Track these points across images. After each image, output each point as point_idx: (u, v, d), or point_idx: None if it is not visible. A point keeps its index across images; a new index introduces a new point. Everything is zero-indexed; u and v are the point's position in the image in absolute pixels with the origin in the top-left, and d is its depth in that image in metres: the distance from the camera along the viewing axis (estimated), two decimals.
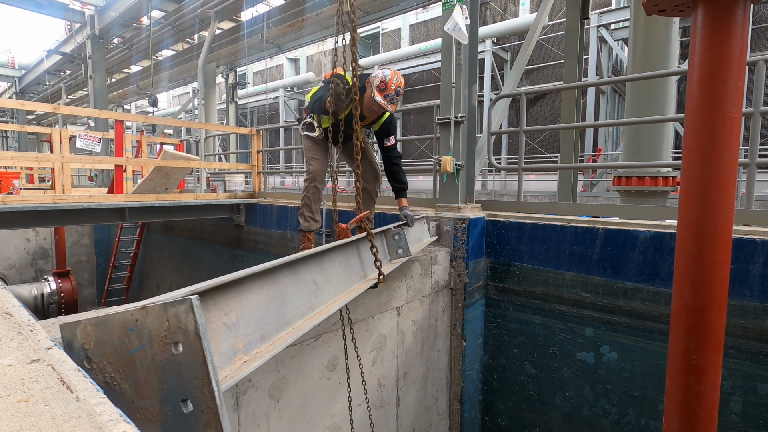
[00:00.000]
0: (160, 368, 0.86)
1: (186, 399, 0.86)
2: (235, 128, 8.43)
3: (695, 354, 1.60)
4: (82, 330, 0.89)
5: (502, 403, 3.64)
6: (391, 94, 2.82)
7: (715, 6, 1.48)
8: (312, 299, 1.63)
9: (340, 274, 1.95)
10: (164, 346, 0.86)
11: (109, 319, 0.87)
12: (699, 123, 1.55)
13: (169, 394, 0.86)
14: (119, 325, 0.87)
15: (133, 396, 0.87)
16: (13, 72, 18.45)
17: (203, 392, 0.84)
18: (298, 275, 1.59)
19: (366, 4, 7.98)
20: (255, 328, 1.26)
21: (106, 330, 0.88)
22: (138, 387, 0.87)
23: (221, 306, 1.16)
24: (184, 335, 0.84)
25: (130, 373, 0.87)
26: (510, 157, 16.17)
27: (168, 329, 0.85)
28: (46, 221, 4.98)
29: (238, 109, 15.56)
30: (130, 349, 0.87)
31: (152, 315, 0.86)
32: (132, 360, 0.87)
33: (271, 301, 1.39)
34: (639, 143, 4.59)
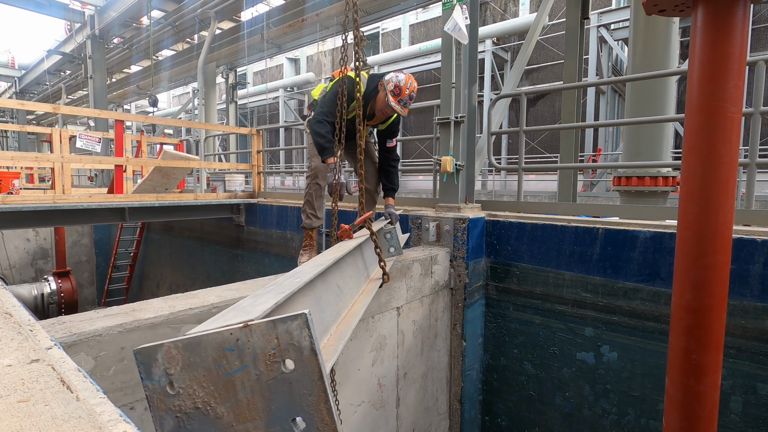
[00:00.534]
0: (267, 388, 0.82)
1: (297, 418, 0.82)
2: (235, 128, 8.44)
3: (695, 354, 1.60)
4: (165, 354, 0.82)
5: (502, 403, 3.64)
6: (405, 99, 2.82)
7: (715, 6, 1.48)
8: (338, 303, 1.63)
9: (352, 276, 1.98)
10: (272, 365, 0.81)
11: (201, 341, 0.81)
12: (699, 123, 1.55)
13: (277, 415, 0.82)
14: (215, 347, 0.81)
15: (232, 420, 0.82)
16: (13, 72, 18.45)
17: (319, 409, 0.80)
18: (327, 281, 1.59)
19: (366, 4, 7.98)
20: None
21: (198, 352, 0.81)
22: (238, 410, 0.82)
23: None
24: (296, 352, 0.80)
25: (228, 396, 0.82)
26: (510, 157, 16.17)
27: (277, 347, 0.81)
28: (46, 221, 4.98)
29: (238, 109, 15.56)
30: (228, 371, 0.82)
31: (257, 333, 0.81)
32: (231, 382, 0.82)
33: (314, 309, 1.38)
34: (639, 143, 4.59)
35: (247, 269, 6.40)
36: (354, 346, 2.73)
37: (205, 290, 2.21)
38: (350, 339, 2.67)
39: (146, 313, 1.81)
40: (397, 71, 2.88)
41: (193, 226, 7.67)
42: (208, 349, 0.81)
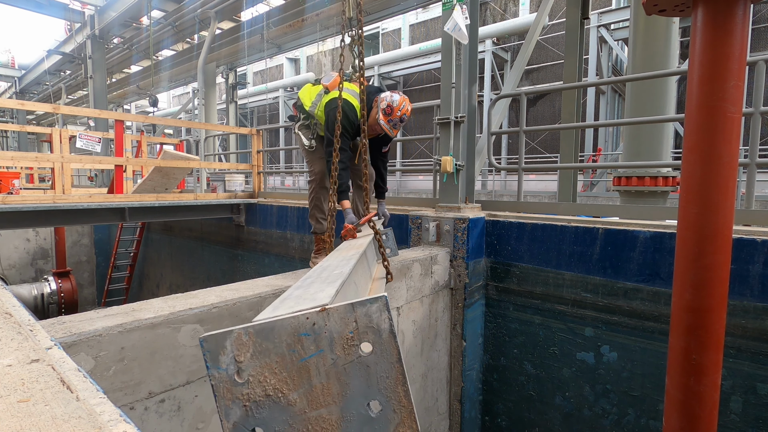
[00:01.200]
0: (343, 372, 0.81)
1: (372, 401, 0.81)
2: (235, 128, 8.44)
3: (695, 354, 1.60)
4: (235, 340, 0.80)
5: (502, 403, 3.64)
6: (395, 120, 2.82)
7: (715, 6, 1.48)
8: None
9: (362, 275, 2.02)
10: (349, 349, 0.81)
11: (275, 326, 0.80)
12: (699, 123, 1.55)
13: (352, 399, 0.81)
14: (290, 332, 0.80)
15: (305, 407, 0.82)
16: (13, 72, 18.45)
17: (396, 391, 0.80)
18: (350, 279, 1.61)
19: (366, 4, 7.98)
20: None
21: (272, 338, 0.80)
22: (312, 396, 0.81)
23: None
24: (375, 335, 0.80)
25: (301, 382, 0.81)
26: (510, 157, 16.17)
27: (355, 330, 0.80)
28: (46, 221, 4.98)
29: (238, 109, 15.56)
30: (303, 357, 0.81)
31: (335, 317, 0.80)
32: (306, 368, 0.81)
33: None
34: (639, 143, 4.59)
35: (247, 269, 6.40)
36: None
37: (205, 290, 2.21)
38: None
39: (146, 313, 1.81)
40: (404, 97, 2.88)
41: (193, 226, 7.67)
42: (282, 335, 0.80)
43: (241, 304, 2.06)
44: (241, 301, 2.07)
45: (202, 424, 1.96)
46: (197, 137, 10.13)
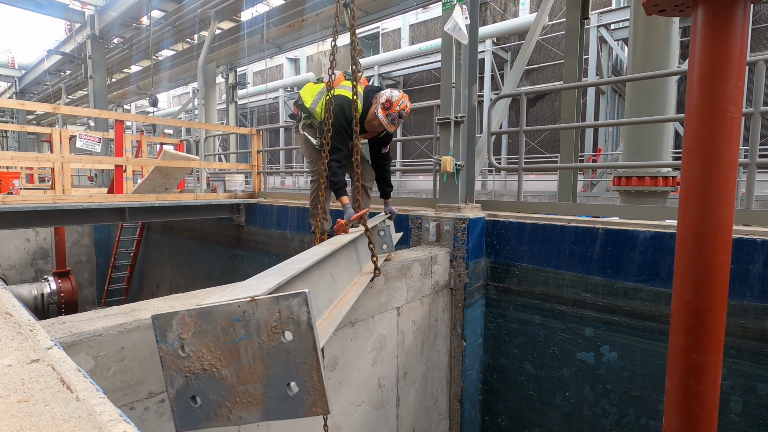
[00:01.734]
0: (267, 355, 0.91)
1: (291, 382, 0.91)
2: (235, 128, 8.44)
3: (695, 354, 1.60)
4: (180, 320, 0.92)
5: (502, 403, 3.64)
6: (393, 114, 2.83)
7: (715, 6, 1.48)
8: (331, 292, 1.72)
9: (346, 268, 2.06)
10: (273, 336, 0.91)
11: (212, 311, 0.91)
12: (699, 123, 1.55)
13: (274, 379, 0.91)
14: (224, 317, 0.91)
15: (234, 382, 0.93)
16: (13, 72, 18.45)
17: (311, 376, 0.89)
18: (323, 270, 1.68)
19: (366, 4, 7.98)
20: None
21: (209, 321, 0.91)
22: (240, 373, 0.91)
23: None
24: (295, 325, 0.90)
25: (232, 360, 0.92)
26: (510, 157, 16.17)
27: (279, 320, 0.90)
28: (46, 221, 4.98)
29: (238, 109, 15.56)
30: (234, 339, 0.91)
31: (262, 307, 0.90)
32: (236, 349, 0.91)
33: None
34: (639, 143, 4.59)
35: (247, 269, 6.40)
36: (354, 346, 2.73)
37: (205, 290, 2.21)
38: (350, 339, 2.68)
39: (146, 313, 1.81)
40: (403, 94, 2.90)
41: (193, 226, 7.67)
42: (217, 319, 0.91)
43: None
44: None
45: None
46: (197, 137, 10.13)
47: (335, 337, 2.59)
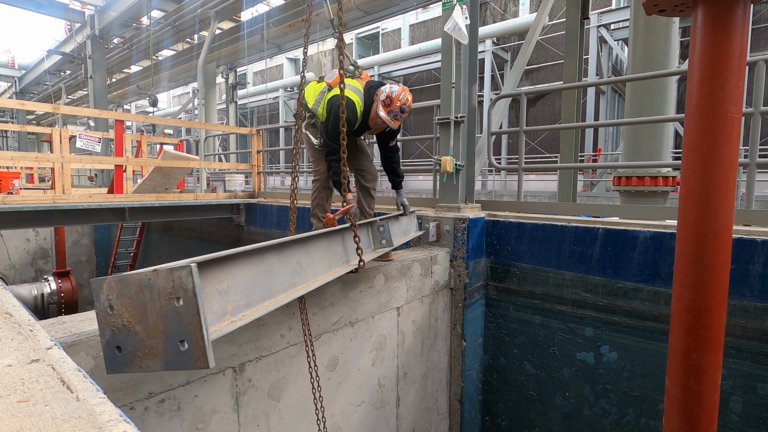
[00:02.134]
0: (165, 316, 1.10)
1: (183, 340, 1.10)
2: (235, 128, 8.44)
3: (695, 354, 1.60)
4: (108, 284, 1.14)
5: (502, 403, 3.64)
6: (395, 110, 2.81)
7: (715, 6, 1.48)
8: (295, 277, 1.86)
9: (323, 258, 2.12)
10: (169, 300, 1.10)
11: (128, 278, 1.13)
12: (699, 123, 1.55)
13: (170, 336, 1.11)
14: (136, 283, 1.12)
15: (144, 336, 1.13)
16: (13, 72, 18.45)
17: (196, 336, 1.09)
18: (284, 256, 1.81)
19: (366, 4, 7.98)
20: (242, 296, 1.52)
21: (127, 285, 1.13)
22: (147, 330, 1.12)
23: (216, 275, 1.40)
24: (184, 293, 1.09)
25: (142, 318, 1.12)
26: (510, 157, 16.16)
27: (173, 287, 1.09)
28: (46, 221, 4.98)
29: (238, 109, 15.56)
30: (144, 301, 1.12)
31: (161, 276, 1.10)
32: (144, 309, 1.12)
33: (258, 275, 1.63)
34: (639, 143, 4.59)
35: None
36: (354, 346, 2.73)
37: None
38: (350, 339, 2.68)
39: None
40: (404, 88, 2.87)
41: (193, 226, 7.66)
42: (132, 284, 1.13)
43: None
44: None
45: (202, 424, 1.96)
46: (197, 137, 10.13)
47: (335, 336, 2.59)
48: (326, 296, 2.49)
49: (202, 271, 1.25)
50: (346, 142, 2.31)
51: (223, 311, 1.37)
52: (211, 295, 1.33)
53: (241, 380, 2.10)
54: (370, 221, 2.74)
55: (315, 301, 2.43)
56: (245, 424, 2.14)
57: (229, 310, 1.40)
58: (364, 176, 3.27)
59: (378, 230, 2.71)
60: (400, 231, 3.24)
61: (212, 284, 1.35)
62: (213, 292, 1.35)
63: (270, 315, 2.17)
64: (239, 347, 2.06)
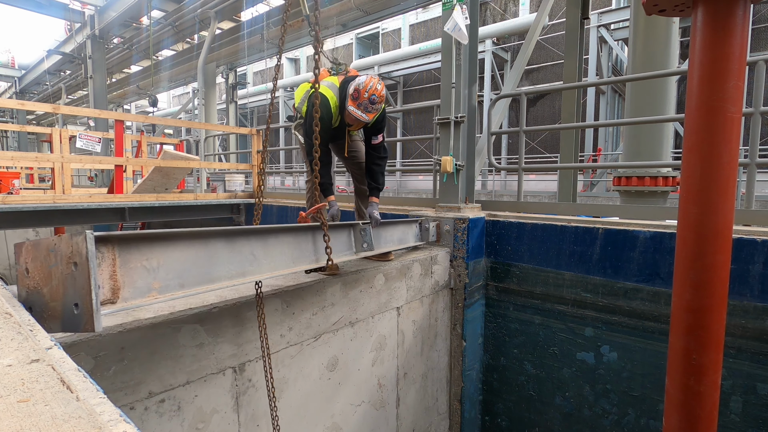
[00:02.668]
0: (65, 279, 1.17)
1: (77, 303, 1.16)
2: (235, 128, 8.44)
3: (695, 354, 1.60)
4: (25, 248, 1.23)
5: (502, 403, 3.64)
6: (364, 102, 2.60)
7: (715, 6, 1.48)
8: (246, 266, 1.85)
9: (285, 252, 2.09)
10: (68, 265, 1.16)
11: (40, 242, 1.22)
12: (699, 123, 1.55)
13: (67, 299, 1.17)
14: (45, 247, 1.19)
15: (49, 299, 1.20)
16: (13, 72, 18.46)
17: (86, 300, 1.15)
18: (234, 244, 1.80)
19: (366, 4, 7.98)
20: (175, 276, 1.53)
21: (38, 249, 1.21)
22: (51, 292, 1.20)
23: (144, 252, 1.43)
24: (79, 258, 1.14)
25: (48, 282, 1.20)
26: (510, 157, 16.17)
27: (71, 252, 1.15)
28: (46, 221, 4.98)
29: (238, 109, 15.56)
30: (50, 265, 1.19)
31: (64, 241, 1.17)
32: (50, 273, 1.19)
33: (199, 259, 1.64)
34: (639, 143, 4.59)
35: None
36: (354, 347, 2.73)
37: None
38: (350, 339, 2.68)
39: (146, 313, 1.81)
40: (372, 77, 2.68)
41: (193, 227, 7.63)
42: (42, 249, 1.21)
43: (240, 304, 2.06)
44: (241, 301, 2.07)
45: (202, 424, 1.96)
46: (197, 137, 10.13)
47: (335, 337, 2.59)
48: (326, 296, 2.49)
49: (128, 246, 1.36)
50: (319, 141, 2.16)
51: (149, 287, 1.42)
52: (135, 270, 1.39)
53: (241, 380, 2.10)
54: (353, 223, 2.65)
55: (315, 301, 2.43)
56: (245, 424, 2.14)
57: (156, 287, 1.44)
58: (357, 178, 3.19)
59: (360, 233, 2.63)
60: (395, 239, 3.15)
61: (138, 260, 1.39)
62: (138, 267, 1.39)
63: (270, 315, 2.18)
64: (239, 347, 2.07)
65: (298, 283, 2.39)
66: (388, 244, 3.03)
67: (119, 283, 1.32)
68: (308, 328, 2.40)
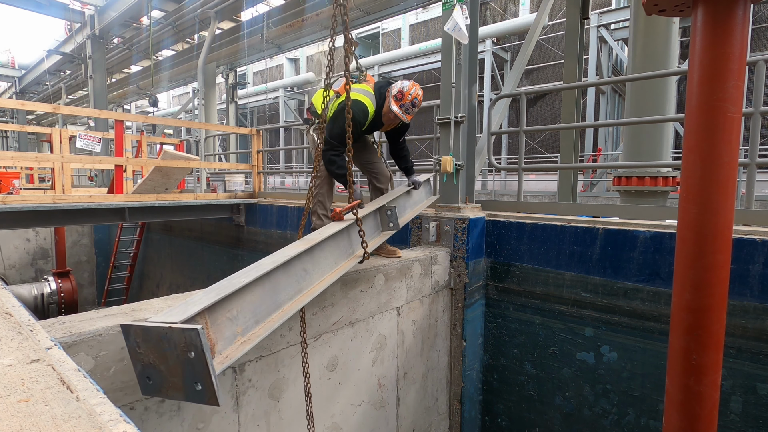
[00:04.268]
0: (182, 363, 1.33)
1: (197, 383, 1.33)
2: (235, 128, 8.44)
3: (695, 354, 1.60)
4: (134, 331, 1.35)
5: (502, 403, 3.64)
6: (407, 104, 2.92)
7: (715, 6, 1.48)
8: (301, 283, 1.99)
9: (328, 257, 2.25)
10: (183, 352, 1.31)
11: (149, 329, 1.33)
12: (699, 123, 1.55)
13: (187, 377, 1.34)
14: (156, 334, 1.33)
15: (167, 374, 1.35)
16: (13, 72, 18.44)
17: (207, 381, 1.32)
18: (290, 269, 1.94)
19: (366, 4, 7.98)
20: (251, 316, 1.69)
21: (149, 335, 1.34)
22: (169, 370, 1.35)
23: (226, 307, 1.58)
24: (195, 348, 1.30)
25: (164, 361, 1.34)
26: (510, 157, 16.17)
27: (185, 343, 1.30)
28: (46, 221, 4.98)
29: (238, 109, 15.55)
30: (164, 348, 1.33)
31: (176, 333, 1.31)
32: (165, 355, 1.34)
33: (265, 294, 1.79)
34: (639, 143, 4.58)
35: None
36: (354, 347, 2.73)
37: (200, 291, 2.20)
38: (350, 339, 2.68)
39: (146, 313, 1.81)
40: (414, 83, 2.99)
41: (193, 226, 7.66)
42: (152, 334, 1.34)
43: None
44: None
45: (202, 424, 1.96)
46: (197, 137, 10.13)
47: (335, 336, 2.59)
48: (326, 296, 2.49)
49: (213, 309, 1.51)
50: (351, 141, 2.38)
51: (234, 334, 1.59)
52: (222, 324, 1.55)
53: (241, 380, 2.10)
54: (379, 206, 2.83)
55: (315, 301, 2.43)
56: (245, 424, 2.14)
57: (239, 332, 1.62)
58: (377, 178, 3.34)
59: (386, 214, 2.81)
60: (412, 201, 3.44)
61: (223, 314, 1.56)
62: (224, 321, 1.56)
63: None
64: None
65: None
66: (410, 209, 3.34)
67: (213, 341, 1.50)
68: (308, 327, 2.40)
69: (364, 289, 2.74)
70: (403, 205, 3.24)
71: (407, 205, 3.34)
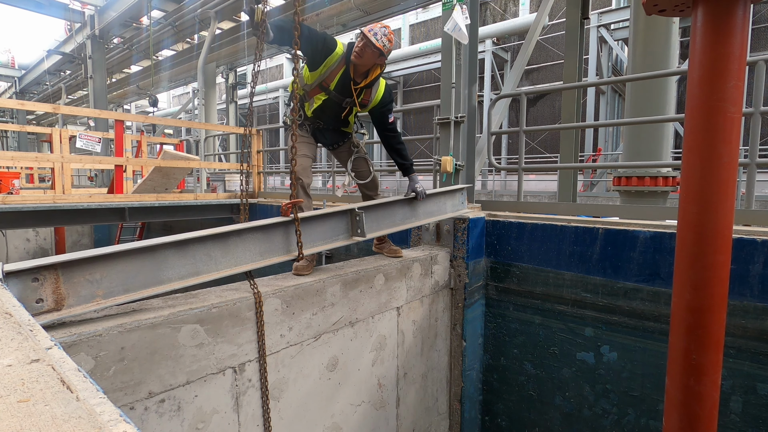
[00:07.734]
0: None
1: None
2: (234, 128, 8.44)
3: (695, 354, 1.60)
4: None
5: (502, 403, 3.64)
6: (375, 29, 2.54)
7: (715, 6, 1.48)
8: (200, 266, 2.03)
9: (250, 249, 2.25)
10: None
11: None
12: (699, 123, 1.55)
13: None
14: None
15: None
16: (13, 72, 18.45)
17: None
18: (186, 250, 1.99)
19: (366, 4, 7.98)
20: (119, 284, 1.77)
21: None
22: None
23: (88, 270, 1.69)
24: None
25: None
26: (510, 157, 16.17)
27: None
28: (46, 221, 4.98)
29: (238, 109, 15.55)
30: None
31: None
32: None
33: (145, 267, 1.84)
34: (639, 143, 4.58)
35: None
36: (354, 347, 2.73)
37: (205, 290, 2.21)
38: (350, 339, 2.68)
39: (146, 313, 1.81)
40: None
41: (193, 227, 7.60)
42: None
43: (240, 304, 2.06)
44: (241, 301, 2.07)
45: (202, 424, 1.96)
46: (197, 137, 10.14)
47: (335, 336, 2.59)
48: (326, 296, 2.49)
49: (69, 268, 1.63)
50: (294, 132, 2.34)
51: (93, 295, 1.70)
52: (79, 284, 1.66)
53: (241, 380, 2.10)
54: (350, 208, 2.67)
55: (315, 301, 2.43)
56: (245, 424, 2.14)
57: (99, 294, 1.71)
58: (367, 185, 3.10)
59: (356, 219, 2.68)
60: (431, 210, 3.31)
61: (82, 275, 1.67)
62: (81, 281, 1.67)
63: (270, 315, 2.18)
64: (239, 347, 2.07)
65: (298, 283, 2.39)
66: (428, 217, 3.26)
67: (63, 295, 1.56)
68: (308, 328, 2.40)
69: (364, 289, 2.74)
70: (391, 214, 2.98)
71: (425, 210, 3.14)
